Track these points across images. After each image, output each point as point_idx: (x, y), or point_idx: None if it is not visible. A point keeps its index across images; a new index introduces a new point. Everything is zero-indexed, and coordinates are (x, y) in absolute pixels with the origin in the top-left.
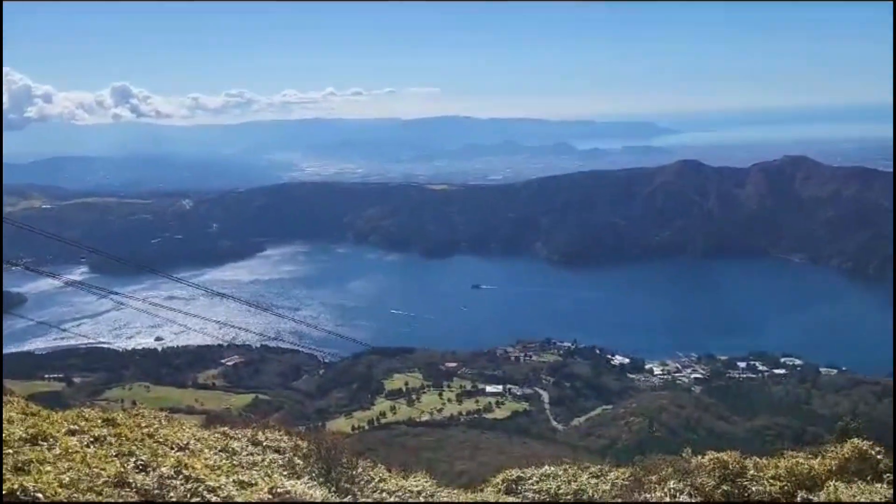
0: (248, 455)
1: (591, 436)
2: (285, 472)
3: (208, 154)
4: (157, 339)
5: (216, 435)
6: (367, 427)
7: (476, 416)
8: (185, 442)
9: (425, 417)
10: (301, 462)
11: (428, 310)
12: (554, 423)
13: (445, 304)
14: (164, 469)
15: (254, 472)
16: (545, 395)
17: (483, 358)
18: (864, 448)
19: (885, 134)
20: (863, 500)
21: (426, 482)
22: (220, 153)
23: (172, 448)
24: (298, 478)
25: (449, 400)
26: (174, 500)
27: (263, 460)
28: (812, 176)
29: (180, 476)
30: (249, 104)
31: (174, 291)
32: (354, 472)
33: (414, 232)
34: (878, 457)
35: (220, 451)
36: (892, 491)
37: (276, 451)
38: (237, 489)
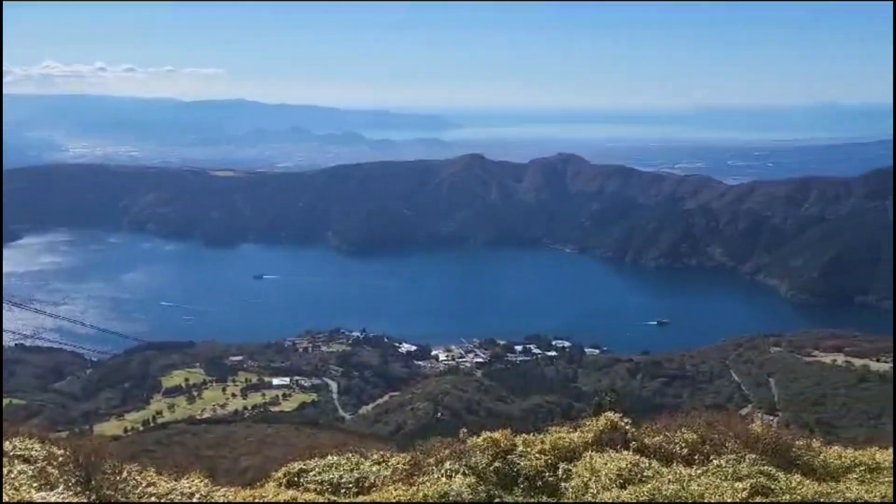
0: None
1: (379, 422)
2: (36, 484)
3: None
4: None
5: None
6: (141, 428)
7: (262, 409)
8: None
9: (207, 414)
10: (56, 471)
11: (211, 301)
12: (342, 413)
13: (230, 296)
14: None
15: None
16: (334, 385)
17: (270, 350)
18: (615, 420)
19: (645, 135)
20: (611, 465)
21: (201, 482)
22: None
23: None
24: (52, 488)
25: (233, 395)
26: None
27: (10, 472)
28: (581, 172)
29: None
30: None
31: None
32: (119, 478)
33: (196, 220)
34: (627, 427)
35: None
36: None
37: (26, 460)
38: None
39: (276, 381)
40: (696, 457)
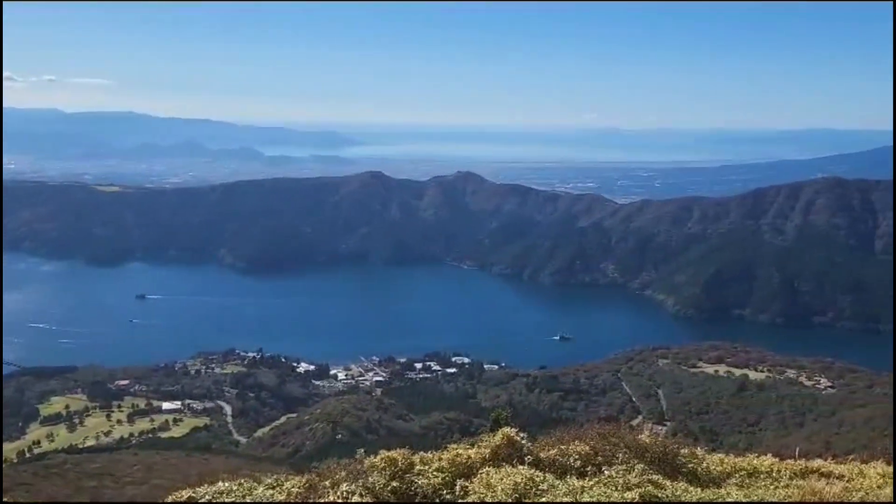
0: None
1: (276, 445)
2: None
3: None
4: None
5: None
6: (15, 459)
7: (150, 435)
8: None
9: (90, 442)
10: None
11: (91, 324)
12: (236, 436)
13: (111, 317)
14: None
15: None
16: (228, 408)
17: (159, 373)
18: (512, 435)
19: (539, 155)
20: (507, 480)
21: None
22: None
23: None
24: None
25: (119, 421)
26: None
27: None
28: (479, 191)
29: None
30: None
31: None
32: None
33: (79, 237)
34: (523, 441)
35: None
36: (533, 469)
37: None
38: None
39: (165, 406)
40: (588, 468)
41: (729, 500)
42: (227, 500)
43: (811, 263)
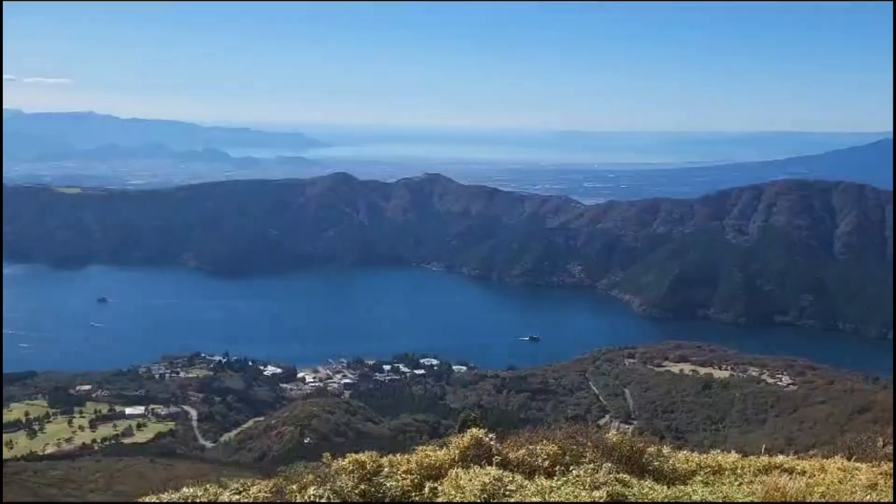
0: None
1: (242, 450)
2: None
3: None
4: None
5: None
6: None
7: (113, 441)
8: None
9: (51, 449)
10: None
11: (51, 328)
12: (202, 441)
13: (76, 321)
14: None
15: None
16: (193, 413)
17: (123, 378)
18: (480, 436)
19: (506, 157)
20: (475, 481)
21: None
22: None
23: None
24: None
25: (81, 427)
26: None
27: None
28: (447, 192)
29: None
30: None
31: None
32: None
33: (38, 240)
34: (492, 442)
35: None
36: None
37: None
38: None
39: (129, 411)
40: (556, 468)
41: (695, 497)
42: None
43: (773, 263)
